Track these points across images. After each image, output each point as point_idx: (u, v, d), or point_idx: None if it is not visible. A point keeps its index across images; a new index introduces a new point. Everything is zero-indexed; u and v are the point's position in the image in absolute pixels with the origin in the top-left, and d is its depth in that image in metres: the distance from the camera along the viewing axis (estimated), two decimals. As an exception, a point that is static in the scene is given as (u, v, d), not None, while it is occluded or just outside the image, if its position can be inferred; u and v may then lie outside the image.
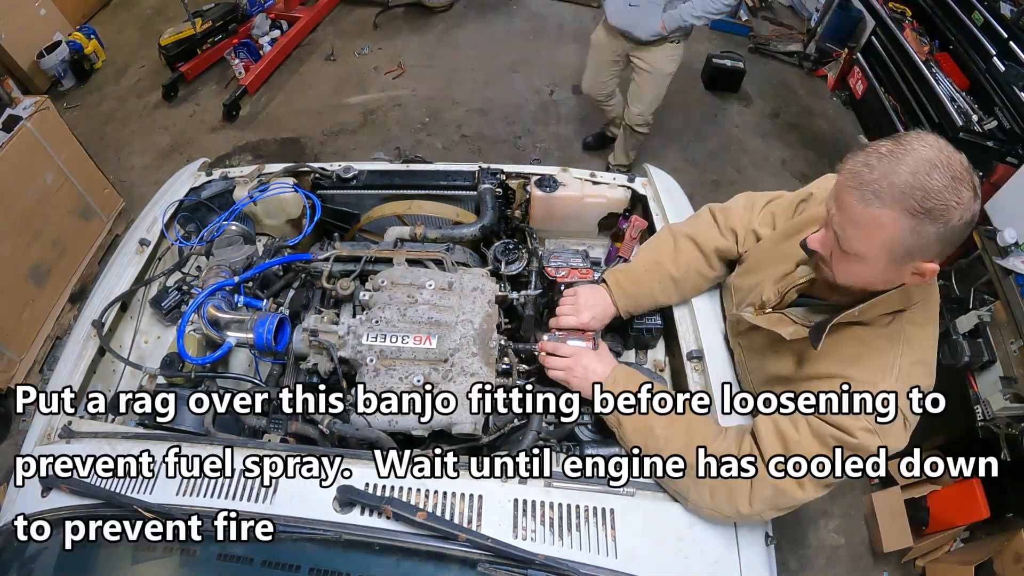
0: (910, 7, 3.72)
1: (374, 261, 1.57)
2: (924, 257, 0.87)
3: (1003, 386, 1.92)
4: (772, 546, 1.15)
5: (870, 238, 0.87)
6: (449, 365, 1.28)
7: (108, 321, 1.50)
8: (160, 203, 1.80)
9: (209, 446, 1.19)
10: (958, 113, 2.93)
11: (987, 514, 2.10)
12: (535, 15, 5.01)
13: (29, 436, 1.30)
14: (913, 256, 0.87)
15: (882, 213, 0.83)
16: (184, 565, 1.12)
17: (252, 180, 1.80)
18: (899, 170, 0.82)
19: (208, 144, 3.94)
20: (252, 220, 1.84)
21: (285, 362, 1.41)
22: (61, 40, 4.22)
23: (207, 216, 1.84)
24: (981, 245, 2.19)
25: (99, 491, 1.12)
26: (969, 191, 0.81)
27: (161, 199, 1.83)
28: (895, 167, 0.82)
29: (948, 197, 0.80)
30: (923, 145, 0.83)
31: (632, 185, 1.78)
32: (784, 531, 2.38)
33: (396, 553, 1.06)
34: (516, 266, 1.59)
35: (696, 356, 1.36)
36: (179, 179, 1.89)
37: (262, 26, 4.51)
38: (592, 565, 1.02)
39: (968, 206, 0.82)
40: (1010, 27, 2.94)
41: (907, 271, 0.90)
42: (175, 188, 1.84)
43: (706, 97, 4.29)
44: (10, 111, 2.73)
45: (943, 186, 0.80)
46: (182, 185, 1.84)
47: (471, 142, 3.93)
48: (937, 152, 0.82)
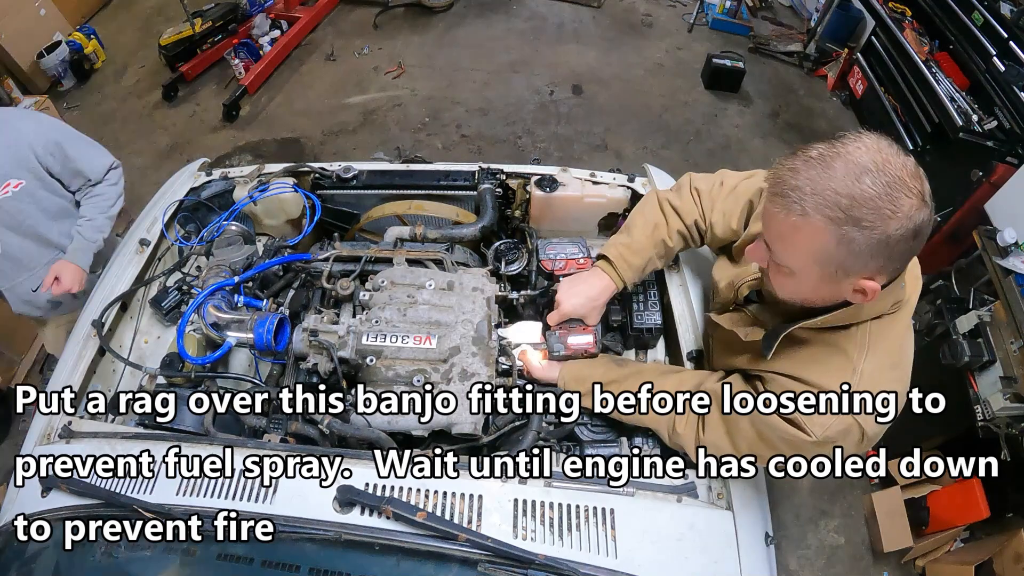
0: (910, 7, 3.72)
1: (374, 261, 1.57)
2: (862, 273, 0.80)
3: (1003, 386, 1.92)
4: (772, 546, 1.15)
5: (795, 250, 0.81)
6: (449, 365, 1.28)
7: (108, 321, 1.50)
8: (160, 203, 1.80)
9: (209, 446, 1.19)
10: (958, 113, 2.93)
11: (987, 514, 2.10)
12: (535, 15, 5.01)
13: (29, 436, 1.30)
14: (848, 272, 0.80)
15: (805, 223, 0.77)
16: (184, 565, 1.12)
17: (252, 180, 1.80)
18: (826, 175, 0.75)
19: (208, 144, 3.94)
20: (252, 220, 1.84)
21: (285, 362, 1.41)
22: (61, 40, 4.22)
23: (207, 216, 1.84)
24: (981, 245, 2.19)
25: (99, 491, 1.12)
26: (911, 198, 0.73)
27: (161, 199, 1.83)
28: (822, 172, 0.75)
29: (881, 205, 0.73)
30: (858, 147, 0.75)
31: (632, 185, 1.78)
32: (784, 531, 2.38)
33: (396, 553, 1.06)
34: (516, 266, 1.58)
35: (696, 356, 1.36)
36: (179, 179, 1.90)
37: (262, 26, 4.51)
38: (592, 565, 1.02)
39: (908, 215, 0.73)
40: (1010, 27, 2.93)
41: (845, 288, 0.84)
42: (175, 188, 1.84)
43: (706, 97, 4.29)
44: (10, 111, 2.73)
45: (876, 194, 0.72)
46: (182, 185, 1.84)
47: (471, 142, 3.93)
48: (874, 155, 0.74)
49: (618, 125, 4.04)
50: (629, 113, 4.12)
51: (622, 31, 4.86)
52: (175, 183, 1.88)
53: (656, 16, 5.03)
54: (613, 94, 4.26)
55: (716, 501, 1.14)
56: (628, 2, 5.18)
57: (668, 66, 4.52)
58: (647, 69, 4.49)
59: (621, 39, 4.77)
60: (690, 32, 4.86)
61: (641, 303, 1.51)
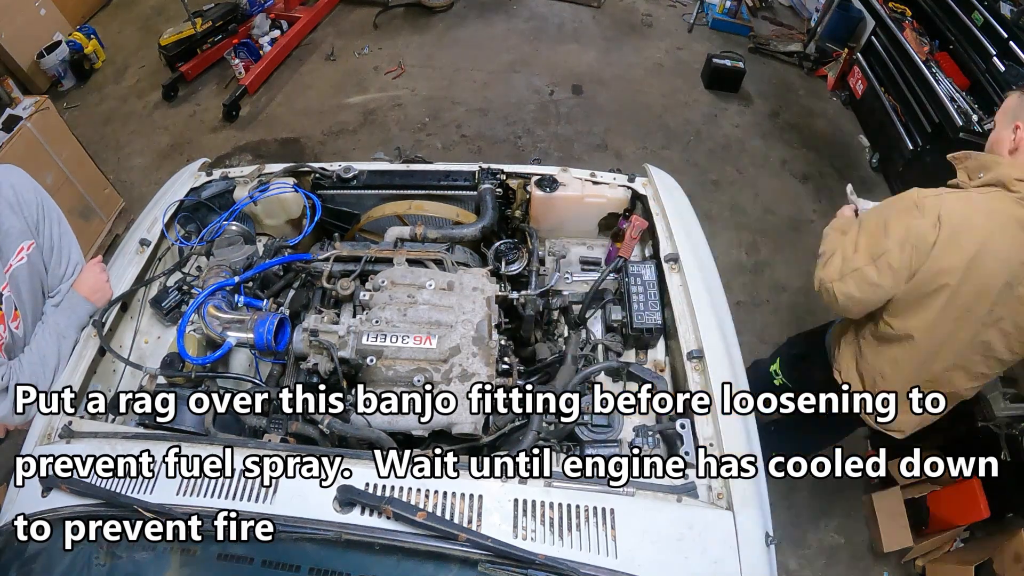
0: (910, 7, 3.72)
1: (374, 261, 1.57)
2: None
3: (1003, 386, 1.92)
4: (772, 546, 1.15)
5: None
6: (449, 365, 1.28)
7: (108, 321, 1.50)
8: (160, 203, 1.80)
9: (209, 446, 1.19)
10: (958, 113, 2.93)
11: (987, 514, 2.10)
12: (535, 15, 5.01)
13: (29, 436, 1.30)
14: None
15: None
16: (184, 565, 1.12)
17: (252, 180, 1.80)
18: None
19: (208, 144, 3.94)
20: (252, 220, 1.84)
21: (285, 362, 1.41)
22: (61, 40, 4.22)
23: (207, 216, 1.84)
24: (981, 245, 2.19)
25: (99, 491, 1.12)
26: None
27: (161, 199, 1.83)
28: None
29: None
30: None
31: (632, 185, 1.78)
32: (784, 531, 2.38)
33: (396, 553, 1.06)
34: (516, 266, 1.59)
35: (696, 356, 1.36)
36: (179, 179, 1.90)
37: (262, 26, 4.51)
38: (592, 565, 1.02)
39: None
40: (1010, 27, 2.94)
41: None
42: (175, 188, 1.84)
43: (706, 97, 4.29)
44: (10, 111, 2.74)
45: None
46: (182, 185, 1.84)
47: (471, 142, 3.93)
48: None
49: (618, 125, 4.05)
50: (629, 113, 4.12)
51: (622, 31, 4.86)
52: (175, 183, 1.88)
53: (656, 16, 5.03)
54: (613, 94, 4.27)
55: (716, 501, 1.14)
56: (628, 2, 5.18)
57: (668, 66, 4.52)
58: (647, 69, 4.49)
59: (621, 39, 4.77)
60: (690, 32, 4.86)
61: (641, 303, 1.51)
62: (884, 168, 3.78)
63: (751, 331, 2.97)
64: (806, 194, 3.68)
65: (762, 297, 3.17)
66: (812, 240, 3.45)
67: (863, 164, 3.90)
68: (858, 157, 3.95)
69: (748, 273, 3.28)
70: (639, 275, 1.56)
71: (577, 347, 1.46)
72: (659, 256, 1.58)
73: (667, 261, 1.55)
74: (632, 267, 1.58)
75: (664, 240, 1.61)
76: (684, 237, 1.61)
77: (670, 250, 1.57)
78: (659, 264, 1.57)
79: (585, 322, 1.59)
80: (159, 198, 1.85)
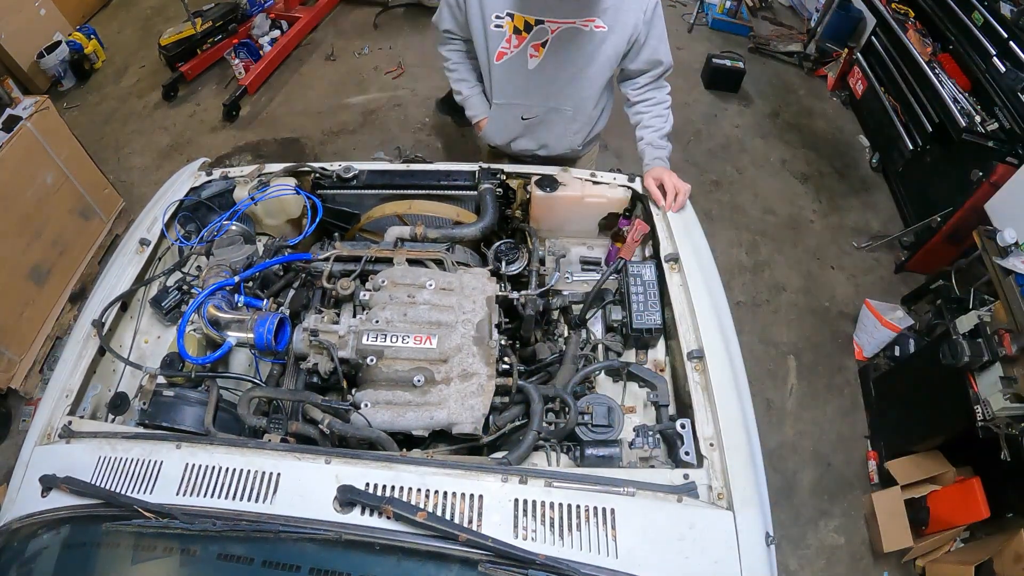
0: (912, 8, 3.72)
1: (374, 261, 1.56)
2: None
3: (1003, 386, 1.92)
4: (772, 546, 1.15)
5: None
6: (449, 365, 1.27)
7: (108, 321, 1.50)
8: (160, 203, 1.79)
9: (209, 446, 1.19)
10: (961, 114, 2.93)
11: (987, 514, 2.10)
12: (535, 15, 5.00)
13: (29, 436, 1.30)
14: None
15: None
16: (184, 565, 1.12)
17: (252, 180, 1.80)
18: None
19: (208, 144, 3.94)
20: (252, 220, 1.84)
21: (285, 362, 1.41)
22: (61, 40, 4.22)
23: (207, 216, 1.83)
24: (981, 245, 2.19)
25: (99, 491, 1.12)
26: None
27: (161, 199, 1.82)
28: None
29: None
30: None
31: (632, 185, 1.78)
32: (784, 531, 2.38)
33: (396, 553, 1.06)
34: (516, 266, 1.59)
35: (696, 356, 1.36)
36: (179, 179, 1.89)
37: (262, 26, 4.51)
38: (592, 565, 1.02)
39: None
40: (1010, 27, 2.93)
41: None
42: (175, 188, 1.84)
43: (706, 97, 4.29)
44: (10, 111, 2.73)
45: None
46: (182, 185, 1.84)
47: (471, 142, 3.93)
48: None
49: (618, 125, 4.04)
50: (629, 113, 4.12)
51: (622, 31, 4.86)
52: (175, 183, 1.87)
53: (656, 16, 5.03)
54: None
55: (716, 501, 1.13)
56: (628, 2, 5.18)
57: (668, 66, 4.52)
58: (647, 69, 4.48)
59: (621, 39, 4.77)
60: (690, 32, 4.86)
61: (641, 303, 1.51)
62: (884, 168, 3.78)
63: (751, 331, 2.97)
64: (806, 194, 3.68)
65: (762, 297, 3.17)
66: (812, 240, 3.46)
67: (863, 164, 3.91)
68: (858, 157, 3.95)
69: (748, 273, 3.28)
70: (639, 275, 1.56)
71: (577, 347, 1.46)
72: (659, 256, 1.58)
73: (667, 261, 1.54)
74: (632, 267, 1.58)
75: (664, 240, 1.61)
76: (684, 237, 1.61)
77: (670, 250, 1.57)
78: (659, 264, 1.57)
79: (585, 322, 1.59)
80: (159, 198, 1.85)
